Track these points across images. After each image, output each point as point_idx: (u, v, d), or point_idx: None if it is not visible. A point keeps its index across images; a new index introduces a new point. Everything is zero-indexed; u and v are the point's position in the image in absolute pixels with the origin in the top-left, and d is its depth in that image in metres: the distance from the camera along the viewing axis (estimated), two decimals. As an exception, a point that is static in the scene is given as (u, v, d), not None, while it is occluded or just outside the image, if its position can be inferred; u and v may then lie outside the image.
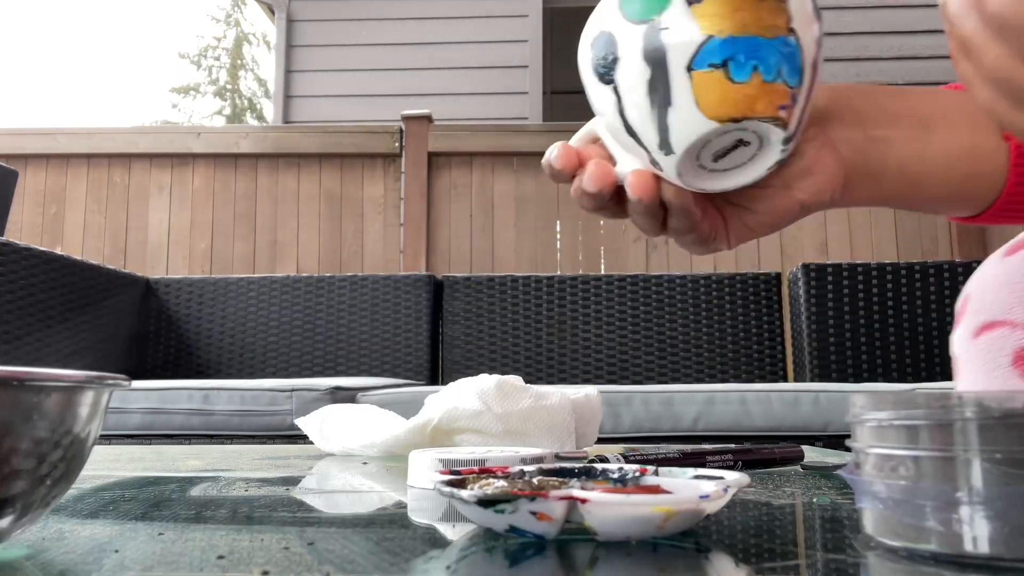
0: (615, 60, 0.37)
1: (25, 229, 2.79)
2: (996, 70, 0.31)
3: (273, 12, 3.93)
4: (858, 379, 2.05)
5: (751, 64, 0.35)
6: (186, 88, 16.21)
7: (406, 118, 2.82)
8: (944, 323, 2.06)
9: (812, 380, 2.07)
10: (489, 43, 3.77)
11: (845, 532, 0.33)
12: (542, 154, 0.44)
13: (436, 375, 2.28)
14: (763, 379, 2.17)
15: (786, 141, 0.38)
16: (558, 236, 2.78)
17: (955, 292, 2.06)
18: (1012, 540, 0.24)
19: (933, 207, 0.50)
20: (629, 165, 0.42)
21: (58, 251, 1.96)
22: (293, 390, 1.59)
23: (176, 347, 2.29)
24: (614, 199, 0.44)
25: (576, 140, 0.45)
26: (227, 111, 16.15)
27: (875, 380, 2.04)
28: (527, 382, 0.69)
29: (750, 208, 0.45)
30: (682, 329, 2.21)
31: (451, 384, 0.70)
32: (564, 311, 2.25)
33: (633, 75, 0.37)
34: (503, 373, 0.72)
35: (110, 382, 0.30)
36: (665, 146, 0.38)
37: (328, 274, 2.35)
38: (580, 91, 0.42)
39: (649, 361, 2.21)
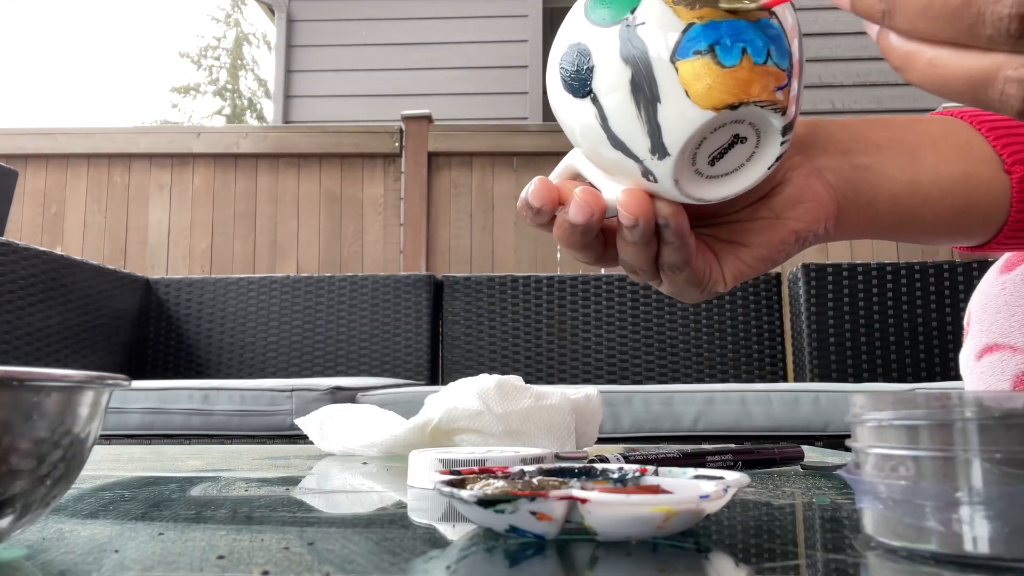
0: (590, 69, 0.35)
1: (25, 229, 2.79)
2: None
3: (273, 12, 3.93)
4: (858, 379, 2.05)
5: (739, 47, 0.33)
6: (186, 88, 16.21)
7: (406, 118, 2.82)
8: (944, 323, 2.06)
9: (812, 380, 2.07)
10: (489, 43, 3.77)
11: (845, 532, 0.33)
12: (542, 154, 0.43)
13: (436, 375, 2.28)
14: (763, 379, 2.17)
15: (785, 131, 0.36)
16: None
17: (955, 292, 2.06)
18: (1012, 540, 0.24)
19: (931, 239, 0.48)
20: (617, 190, 0.39)
21: (58, 251, 1.96)
22: (293, 390, 1.59)
23: (176, 347, 2.29)
24: (600, 240, 0.42)
25: (554, 176, 0.42)
26: (227, 111, 16.15)
27: (875, 380, 2.04)
28: (527, 382, 0.69)
29: (743, 243, 0.43)
30: (682, 329, 2.21)
31: (451, 384, 0.70)
32: (564, 311, 2.25)
33: (613, 79, 0.35)
34: (503, 373, 0.72)
35: (110, 382, 0.30)
36: (658, 149, 0.35)
37: (328, 274, 2.35)
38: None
39: (649, 361, 2.21)
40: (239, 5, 16.11)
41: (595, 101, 0.36)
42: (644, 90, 0.34)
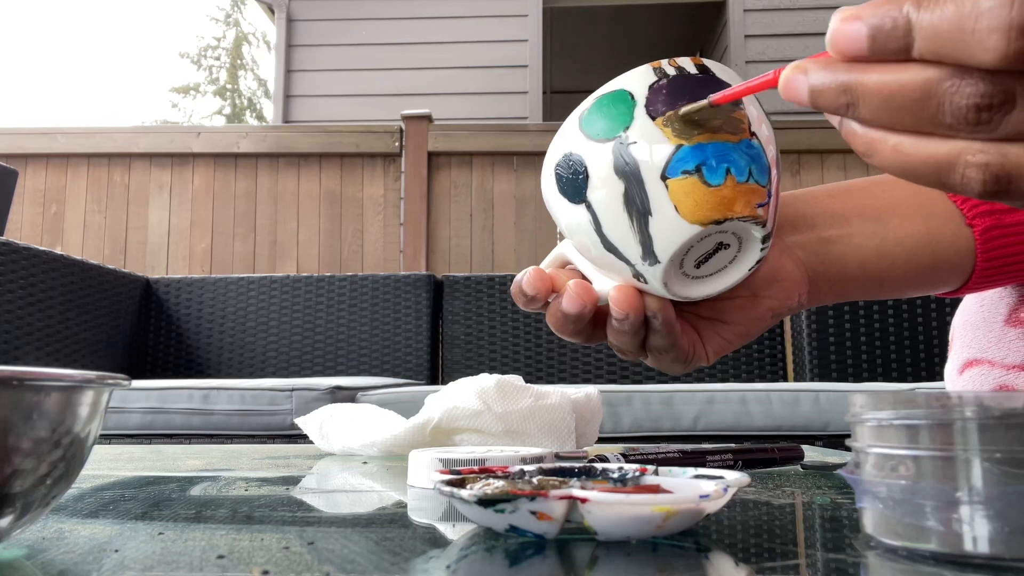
0: (585, 179, 0.38)
1: (25, 229, 2.79)
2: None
3: (273, 12, 3.93)
4: (858, 379, 2.05)
5: (723, 167, 0.36)
6: (186, 88, 16.22)
7: (406, 118, 2.82)
8: (944, 324, 2.06)
9: (812, 380, 2.07)
10: (489, 43, 3.77)
11: (845, 532, 0.33)
12: (542, 154, 0.43)
13: (436, 375, 2.28)
14: (763, 379, 2.17)
15: (765, 239, 0.39)
16: (558, 235, 2.78)
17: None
18: (1012, 540, 0.24)
19: (903, 294, 0.50)
20: (607, 283, 0.42)
21: (58, 251, 1.96)
22: (293, 390, 1.59)
23: (176, 347, 2.29)
24: (589, 323, 0.44)
25: (546, 265, 0.45)
26: (227, 111, 16.16)
27: (875, 380, 2.04)
28: (527, 382, 0.69)
29: (723, 320, 0.45)
30: (682, 329, 2.21)
31: (451, 384, 0.70)
32: (564, 311, 2.25)
33: (607, 191, 0.37)
34: (503, 373, 0.72)
35: (110, 382, 0.30)
36: (649, 256, 0.38)
37: (328, 274, 2.35)
38: (579, 91, 0.42)
39: (649, 361, 2.21)
40: (239, 5, 16.12)
41: (589, 208, 0.38)
42: (636, 203, 0.37)
